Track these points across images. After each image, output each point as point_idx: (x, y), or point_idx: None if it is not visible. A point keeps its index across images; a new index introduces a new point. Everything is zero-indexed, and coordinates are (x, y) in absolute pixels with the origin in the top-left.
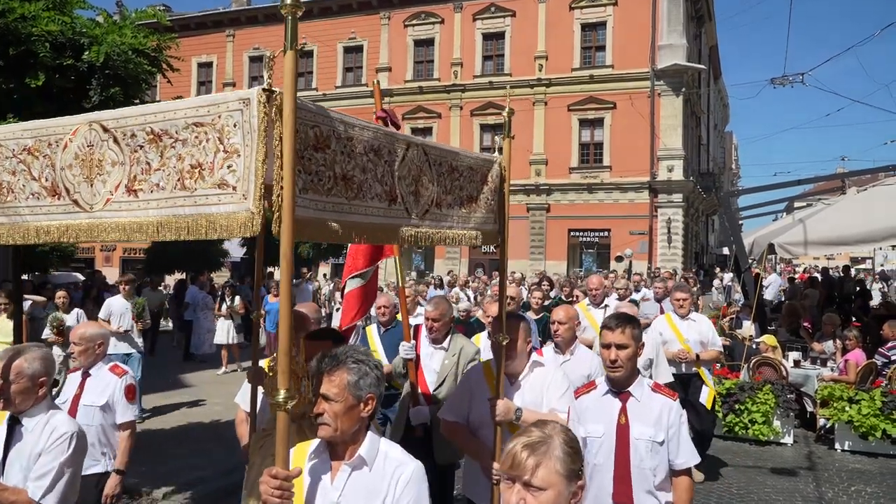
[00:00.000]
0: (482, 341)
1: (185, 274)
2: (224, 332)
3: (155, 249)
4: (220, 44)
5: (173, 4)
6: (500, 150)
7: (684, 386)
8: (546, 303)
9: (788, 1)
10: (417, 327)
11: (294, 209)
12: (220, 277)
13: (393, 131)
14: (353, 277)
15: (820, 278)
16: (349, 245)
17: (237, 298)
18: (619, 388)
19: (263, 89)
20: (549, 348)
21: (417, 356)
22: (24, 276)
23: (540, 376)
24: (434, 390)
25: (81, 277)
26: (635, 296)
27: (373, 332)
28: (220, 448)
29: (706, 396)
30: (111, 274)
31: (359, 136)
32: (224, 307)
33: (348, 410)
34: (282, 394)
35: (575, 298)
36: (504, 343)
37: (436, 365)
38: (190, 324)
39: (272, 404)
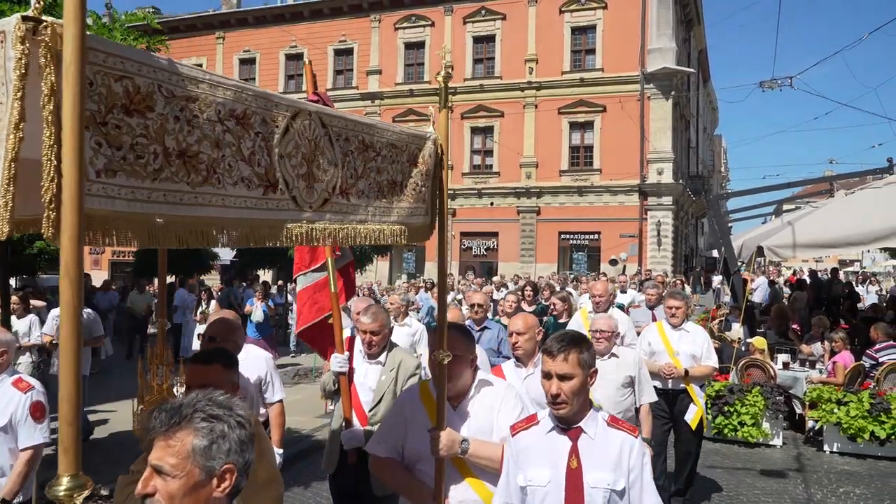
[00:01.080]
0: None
1: (174, 277)
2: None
3: (144, 252)
4: (210, 46)
5: (163, 7)
6: (434, 123)
7: (670, 402)
8: (530, 309)
9: (777, 5)
10: (350, 339)
11: (81, 200)
12: (211, 280)
13: (268, 92)
14: (306, 274)
15: (808, 281)
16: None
17: (212, 303)
18: (568, 423)
19: (25, 17)
20: (510, 363)
21: (351, 371)
22: (11, 280)
23: (489, 398)
24: (370, 410)
25: None
26: (621, 298)
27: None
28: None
29: (692, 415)
30: (100, 277)
31: (207, 97)
32: (199, 312)
33: (191, 491)
34: (63, 484)
35: (552, 306)
36: (445, 361)
37: (371, 382)
38: (179, 326)
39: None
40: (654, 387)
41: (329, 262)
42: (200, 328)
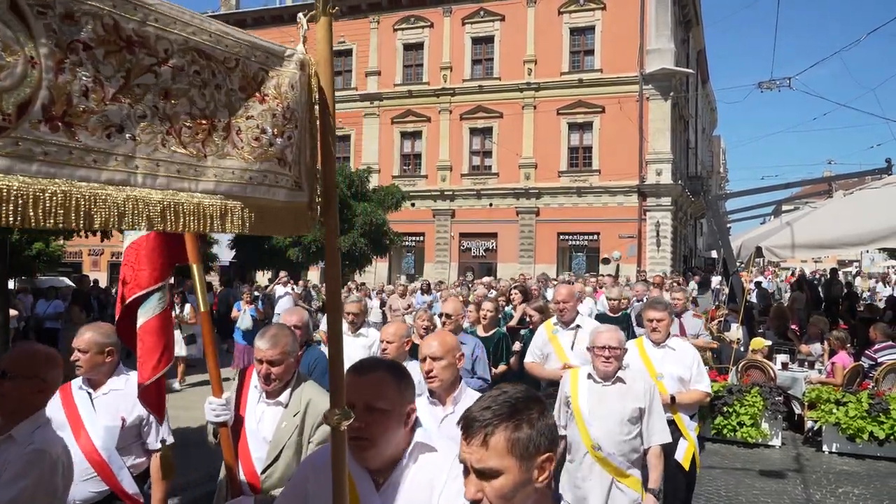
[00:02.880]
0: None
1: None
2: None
3: None
4: None
5: None
6: (305, 39)
7: None
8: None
9: (776, 6)
10: (244, 371)
11: None
12: (209, 281)
13: None
14: (143, 300)
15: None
16: (125, 246)
17: (187, 307)
18: None
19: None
20: (422, 399)
21: (240, 418)
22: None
23: (428, 471)
24: (263, 471)
25: (69, 282)
26: (586, 306)
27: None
28: (206, 453)
29: (683, 453)
30: (99, 278)
31: None
32: (172, 315)
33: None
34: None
35: (528, 318)
36: (343, 426)
37: (267, 430)
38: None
39: None
40: None
41: (194, 273)
42: (175, 335)
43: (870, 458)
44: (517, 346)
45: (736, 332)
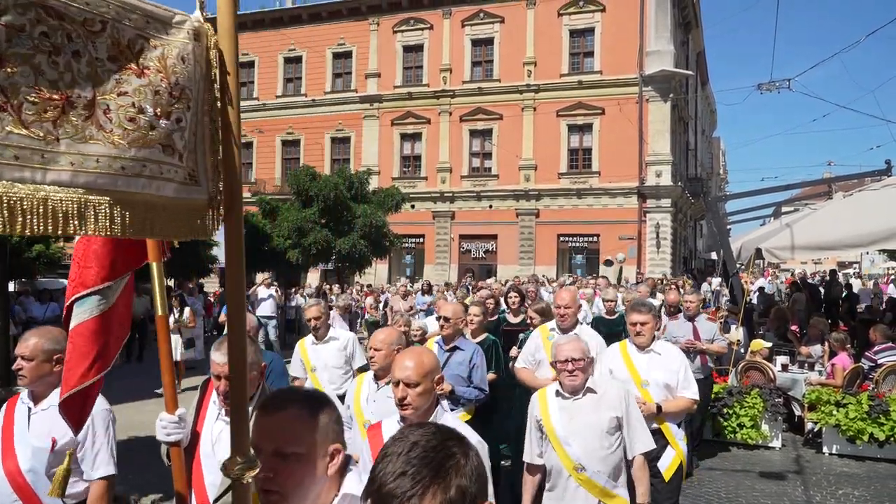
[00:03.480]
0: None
1: (172, 280)
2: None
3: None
4: None
5: None
6: (203, 6)
7: None
8: (517, 320)
9: (775, 8)
10: (206, 382)
11: None
12: (210, 283)
13: None
14: (81, 298)
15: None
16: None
17: (186, 310)
18: None
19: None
20: (392, 421)
21: (195, 435)
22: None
23: None
24: (217, 500)
25: (65, 282)
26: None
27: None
28: None
29: (669, 462)
30: None
31: None
32: (171, 320)
33: None
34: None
35: (530, 320)
36: (248, 479)
37: (225, 453)
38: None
39: None
40: None
41: (153, 272)
42: (172, 338)
43: (870, 460)
44: (514, 351)
45: (736, 333)
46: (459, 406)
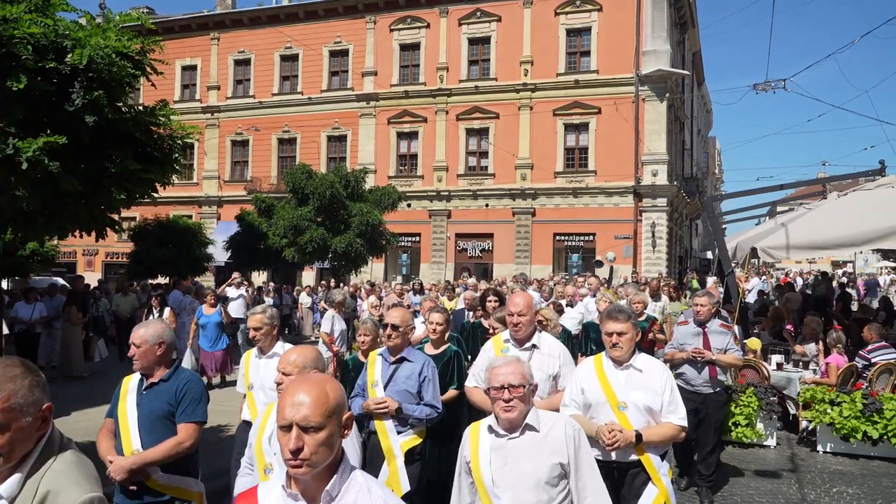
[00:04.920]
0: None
1: (167, 278)
2: None
3: (138, 253)
4: (205, 47)
5: (157, 7)
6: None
7: (615, 481)
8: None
9: (771, 8)
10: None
11: None
12: (205, 282)
13: None
14: None
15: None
16: None
17: (166, 311)
18: None
19: None
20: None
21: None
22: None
23: None
24: None
25: (62, 282)
26: (569, 317)
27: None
28: (205, 453)
29: (650, 502)
30: (93, 279)
31: None
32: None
33: None
34: None
35: (493, 330)
36: None
37: None
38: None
39: None
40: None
41: None
42: None
43: (864, 458)
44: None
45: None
46: (408, 428)
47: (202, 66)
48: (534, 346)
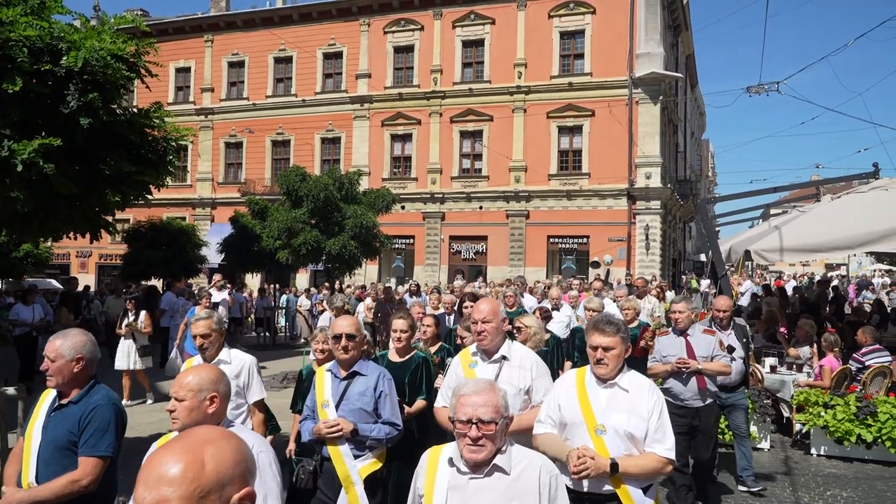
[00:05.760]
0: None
1: (160, 280)
2: (124, 354)
3: (131, 255)
4: (199, 49)
5: (151, 9)
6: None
7: None
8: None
9: (764, 11)
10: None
11: None
12: (199, 284)
13: None
14: None
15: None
16: None
17: (142, 314)
18: None
19: None
20: None
21: None
22: None
23: None
24: None
25: (56, 284)
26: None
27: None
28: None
29: None
30: (87, 280)
31: None
32: (124, 324)
33: None
34: None
35: (460, 340)
36: None
37: None
38: (167, 330)
39: None
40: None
41: None
42: (124, 344)
43: (857, 461)
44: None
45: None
46: (366, 451)
47: (196, 68)
48: (503, 357)
